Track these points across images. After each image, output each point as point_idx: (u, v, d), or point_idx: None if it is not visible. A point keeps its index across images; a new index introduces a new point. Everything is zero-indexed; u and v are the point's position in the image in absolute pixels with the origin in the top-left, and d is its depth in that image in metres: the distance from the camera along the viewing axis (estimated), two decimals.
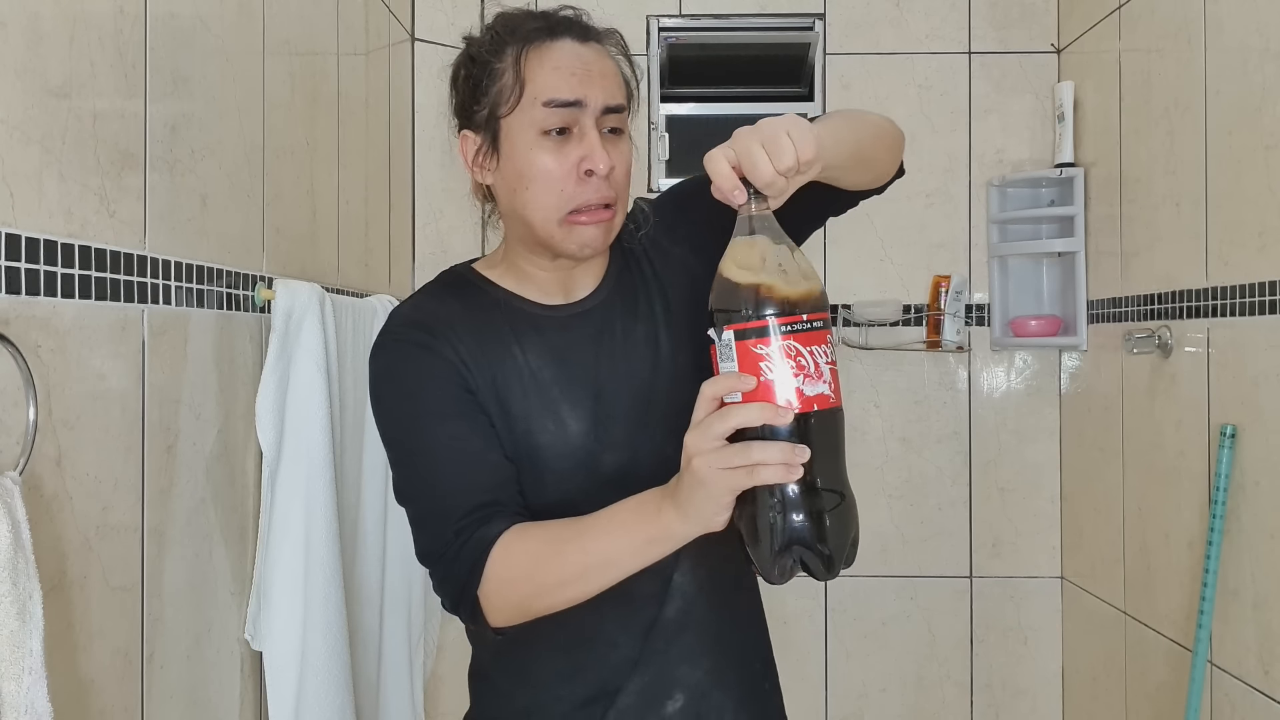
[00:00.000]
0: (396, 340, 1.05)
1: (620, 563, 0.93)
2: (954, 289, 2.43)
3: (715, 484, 0.83)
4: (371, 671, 1.68)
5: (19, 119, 0.93)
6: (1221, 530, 1.69)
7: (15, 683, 0.82)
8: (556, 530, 0.96)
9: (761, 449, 0.81)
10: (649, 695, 1.06)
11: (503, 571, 0.95)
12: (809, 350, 0.82)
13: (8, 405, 0.90)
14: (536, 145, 1.01)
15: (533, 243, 1.06)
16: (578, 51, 1.04)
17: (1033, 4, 2.51)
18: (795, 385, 0.82)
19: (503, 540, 0.96)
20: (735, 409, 0.82)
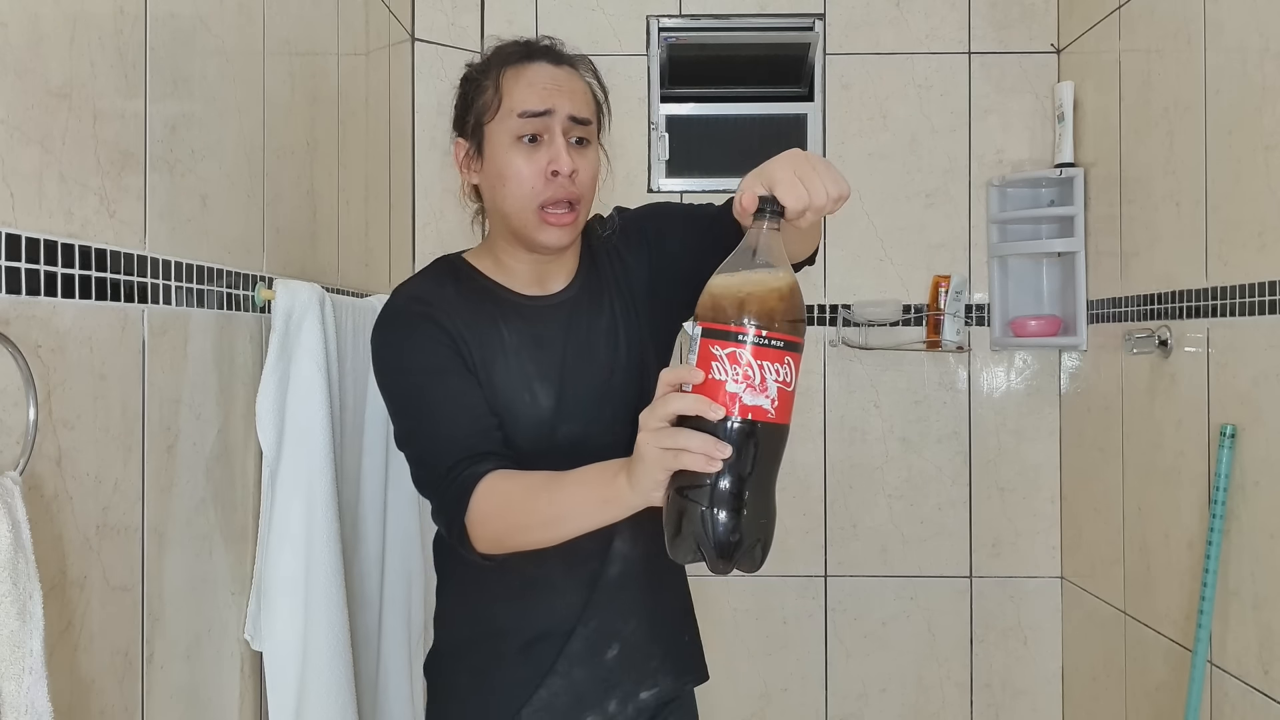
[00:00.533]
0: (399, 313, 1.22)
1: (580, 517, 1.05)
2: (954, 289, 2.43)
3: (651, 460, 0.93)
4: (371, 671, 1.68)
5: (19, 119, 0.93)
6: (1221, 530, 1.69)
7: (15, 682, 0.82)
8: (532, 480, 1.10)
9: (688, 437, 0.89)
10: (592, 643, 1.24)
11: (485, 506, 1.10)
12: (759, 364, 0.89)
13: (8, 405, 0.90)
14: (512, 149, 1.19)
15: (511, 236, 1.24)
16: (550, 72, 1.21)
17: (1033, 4, 2.51)
18: (735, 391, 0.89)
19: (486, 480, 1.10)
20: (677, 396, 0.91)
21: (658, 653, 1.29)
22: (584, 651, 1.24)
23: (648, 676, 1.28)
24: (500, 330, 1.22)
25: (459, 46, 2.48)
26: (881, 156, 2.53)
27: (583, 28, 2.53)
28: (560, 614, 1.24)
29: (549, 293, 1.27)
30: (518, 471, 1.12)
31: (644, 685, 1.27)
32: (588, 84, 1.25)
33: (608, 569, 1.24)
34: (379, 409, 1.71)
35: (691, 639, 1.37)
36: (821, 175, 0.94)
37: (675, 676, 1.31)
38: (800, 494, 2.52)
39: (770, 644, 2.53)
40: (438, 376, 1.18)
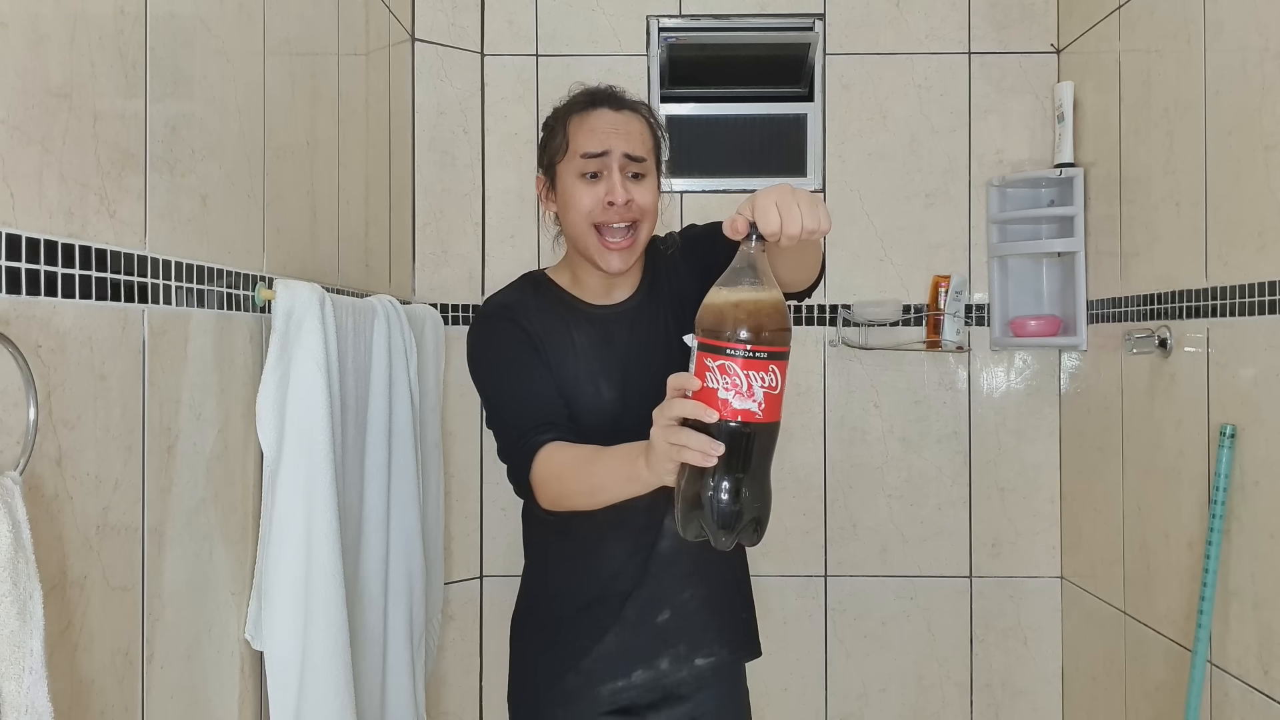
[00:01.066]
0: (489, 317, 1.48)
1: (611, 489, 1.26)
2: (954, 289, 2.43)
3: (661, 451, 1.10)
4: (374, 672, 1.68)
5: (19, 119, 0.93)
6: (1221, 530, 1.69)
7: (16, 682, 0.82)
8: (580, 453, 1.32)
9: (689, 436, 1.05)
10: (644, 608, 1.46)
11: (544, 470, 1.34)
12: (746, 374, 1.02)
13: (8, 405, 0.90)
14: (577, 184, 1.43)
15: (580, 254, 1.47)
16: (610, 117, 1.45)
17: (1033, 4, 2.51)
18: (725, 397, 1.03)
19: (545, 449, 1.34)
20: (680, 401, 1.06)
21: (714, 624, 1.50)
22: (636, 615, 1.45)
23: (704, 645, 1.49)
24: (571, 333, 1.46)
25: (459, 46, 2.48)
26: (881, 156, 2.53)
27: (583, 28, 2.53)
28: (616, 580, 1.46)
29: (615, 302, 1.50)
30: (572, 444, 1.34)
31: (699, 652, 1.48)
32: (644, 124, 1.48)
33: (660, 543, 1.45)
34: (381, 409, 1.71)
35: (748, 616, 1.57)
36: (800, 207, 1.06)
37: (731, 650, 1.52)
38: (800, 494, 2.52)
39: (770, 644, 2.52)
40: (515, 366, 1.42)
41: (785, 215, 1.05)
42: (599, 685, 1.46)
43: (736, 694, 1.57)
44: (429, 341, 2.10)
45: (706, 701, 1.50)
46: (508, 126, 2.52)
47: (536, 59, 2.53)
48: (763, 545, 2.65)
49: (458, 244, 2.48)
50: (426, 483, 2.04)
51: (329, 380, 1.43)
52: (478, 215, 2.52)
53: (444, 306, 2.42)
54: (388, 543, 1.73)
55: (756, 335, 1.02)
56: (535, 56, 2.53)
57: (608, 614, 1.46)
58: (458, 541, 2.44)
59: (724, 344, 1.02)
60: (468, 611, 2.47)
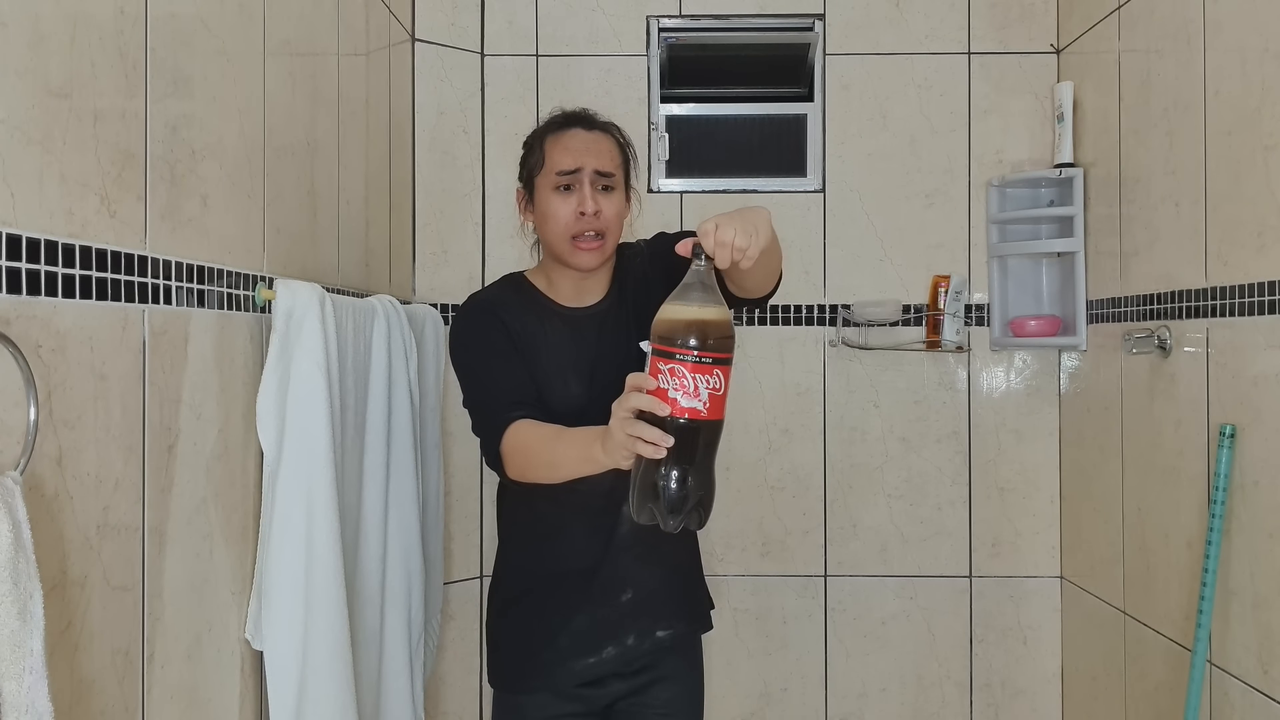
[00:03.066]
0: (470, 309, 1.63)
1: (569, 466, 1.42)
2: (953, 289, 2.43)
3: (618, 440, 1.24)
4: (372, 672, 1.68)
5: (20, 119, 0.94)
6: (1221, 530, 1.70)
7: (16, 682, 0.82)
8: (545, 431, 1.47)
9: (644, 428, 1.20)
10: (607, 587, 1.59)
11: (512, 443, 1.49)
12: (694, 376, 1.17)
13: (8, 405, 0.90)
14: (552, 196, 1.58)
15: (555, 260, 1.61)
16: (583, 136, 1.60)
17: (1032, 4, 2.51)
18: (675, 396, 1.18)
19: (515, 425, 1.49)
20: (637, 395, 1.21)
21: (672, 601, 1.64)
22: (601, 594, 1.58)
23: (664, 619, 1.62)
24: (545, 331, 1.60)
25: (459, 47, 2.48)
26: (881, 156, 2.53)
27: (583, 28, 2.53)
28: (580, 559, 1.59)
29: (586, 305, 1.63)
30: (538, 423, 1.49)
31: (660, 625, 1.61)
32: (614, 143, 1.62)
33: (619, 527, 1.58)
34: (381, 409, 1.71)
35: (703, 593, 1.73)
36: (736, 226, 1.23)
37: (688, 623, 1.67)
38: (800, 494, 2.52)
39: (770, 644, 2.53)
40: (492, 353, 1.57)
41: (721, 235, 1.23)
42: (573, 661, 1.59)
43: (694, 661, 1.71)
44: (429, 341, 2.10)
45: (667, 668, 1.65)
46: (508, 126, 2.52)
47: (536, 59, 2.53)
48: (763, 545, 2.66)
49: (458, 244, 2.48)
50: (426, 483, 2.04)
51: (329, 380, 1.43)
52: (478, 215, 2.52)
53: (444, 306, 2.42)
54: (386, 542, 1.73)
55: (703, 343, 1.18)
56: (535, 56, 2.53)
57: (575, 593, 1.59)
58: (458, 541, 2.44)
59: (674, 350, 1.18)
60: (468, 611, 2.47)
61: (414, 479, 1.82)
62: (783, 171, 2.56)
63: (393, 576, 1.75)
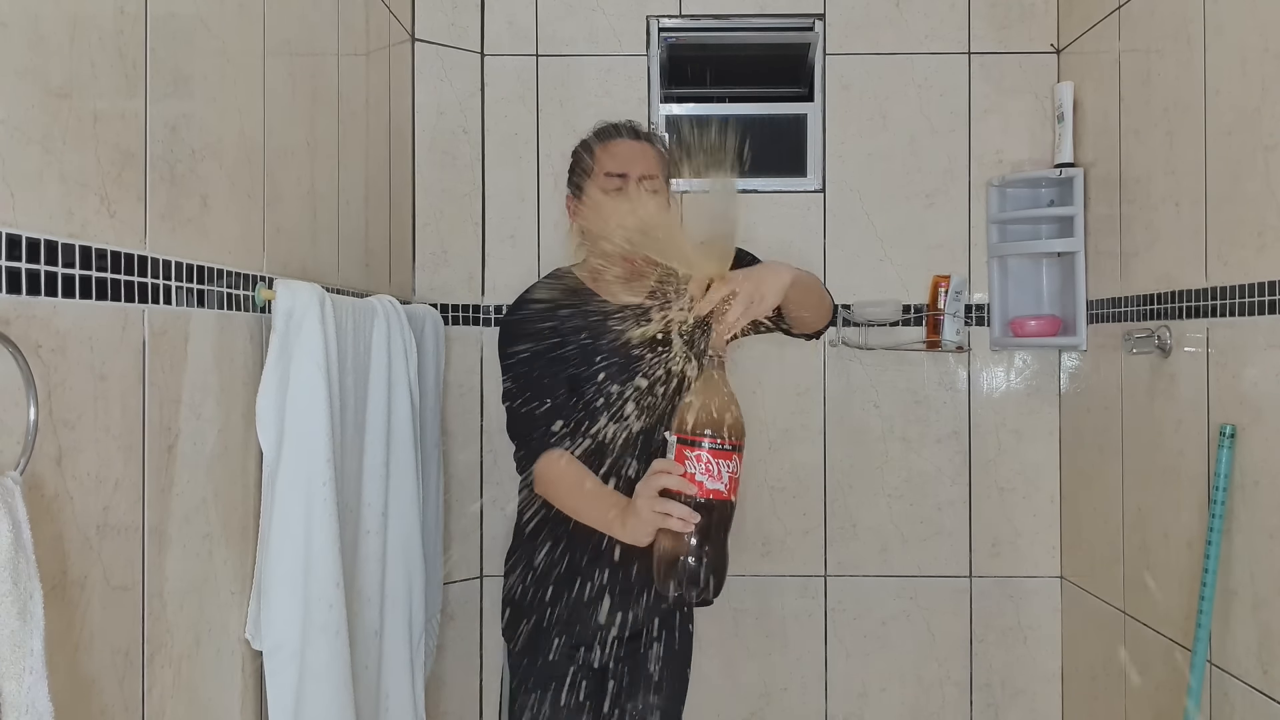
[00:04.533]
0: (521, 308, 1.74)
1: (585, 520, 1.59)
2: (954, 289, 2.43)
3: (645, 517, 1.40)
4: (372, 672, 1.68)
5: (20, 119, 0.94)
6: (1221, 530, 1.69)
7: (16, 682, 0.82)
8: (574, 477, 1.60)
9: (673, 505, 1.36)
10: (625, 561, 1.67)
11: (545, 471, 1.63)
12: (716, 462, 1.34)
13: (8, 405, 0.90)
14: (603, 199, 1.69)
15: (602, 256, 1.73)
16: (629, 145, 1.74)
17: (1032, 4, 2.51)
18: (700, 479, 1.34)
19: (552, 453, 1.62)
20: (667, 475, 1.37)
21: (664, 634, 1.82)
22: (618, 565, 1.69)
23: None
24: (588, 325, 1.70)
25: (459, 47, 2.48)
26: (881, 156, 2.53)
27: (583, 28, 2.53)
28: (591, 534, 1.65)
29: (629, 303, 1.73)
30: (572, 462, 1.61)
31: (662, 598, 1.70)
32: (656, 151, 1.77)
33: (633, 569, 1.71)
34: (380, 409, 1.71)
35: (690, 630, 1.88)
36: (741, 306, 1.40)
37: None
38: (800, 494, 2.52)
39: (770, 644, 2.53)
40: (537, 359, 1.66)
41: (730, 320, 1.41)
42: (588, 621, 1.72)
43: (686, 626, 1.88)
44: (429, 342, 2.10)
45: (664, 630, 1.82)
46: (508, 126, 2.52)
47: (536, 59, 2.53)
48: (763, 545, 2.65)
49: (458, 244, 2.48)
50: (426, 483, 2.04)
51: (329, 380, 1.44)
52: (478, 215, 2.52)
53: (444, 306, 2.42)
54: (386, 542, 1.73)
55: (720, 434, 1.34)
56: (535, 56, 2.53)
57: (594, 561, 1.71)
58: (458, 541, 2.44)
59: (700, 439, 1.34)
60: (468, 611, 2.47)
61: (414, 479, 1.82)
62: (783, 171, 2.56)
63: (392, 576, 1.75)
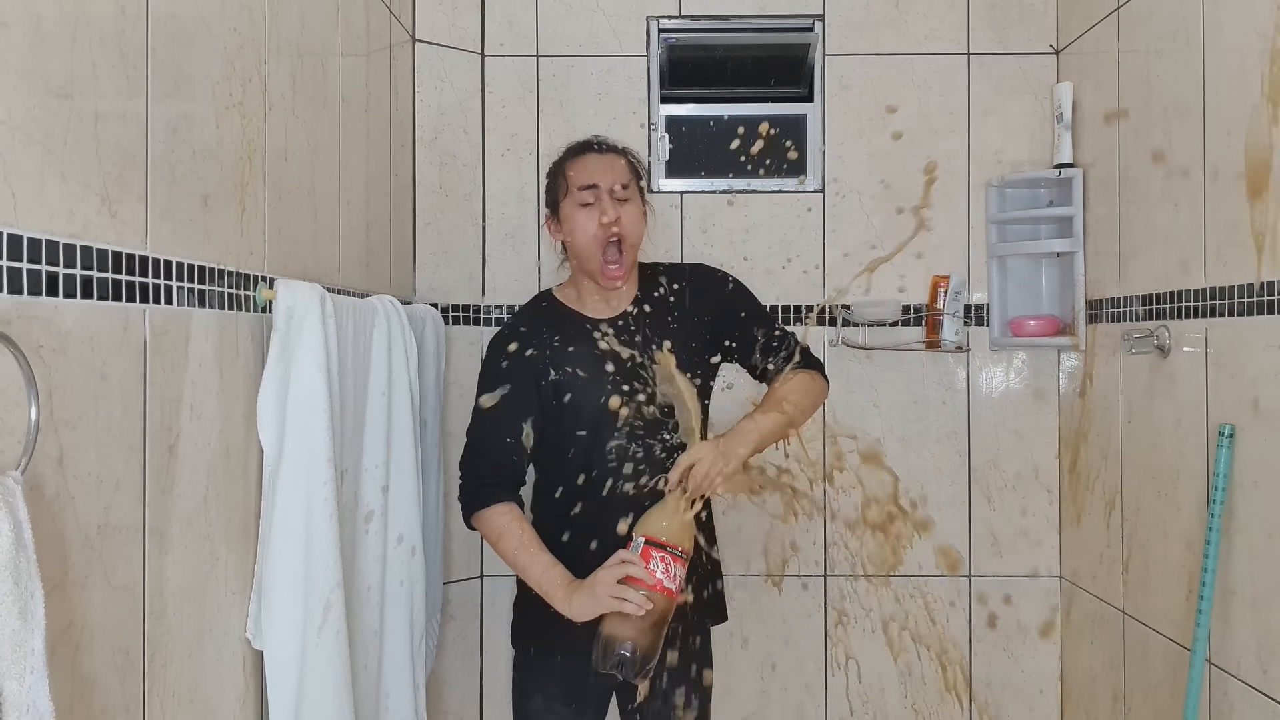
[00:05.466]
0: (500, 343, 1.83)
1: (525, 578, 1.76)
2: (953, 289, 2.43)
3: (601, 598, 1.63)
4: (372, 672, 1.68)
5: (21, 119, 0.94)
6: (1220, 530, 1.70)
7: (17, 681, 0.82)
8: (518, 538, 1.75)
9: (629, 593, 1.62)
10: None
11: (489, 522, 1.79)
12: (674, 564, 1.64)
13: (9, 405, 0.90)
14: (577, 213, 1.79)
15: (584, 273, 1.82)
16: (597, 159, 1.83)
17: (1032, 5, 2.51)
18: (660, 578, 1.63)
19: (498, 507, 1.78)
20: (633, 568, 1.63)
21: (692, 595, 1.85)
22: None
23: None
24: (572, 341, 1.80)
25: (459, 47, 2.48)
26: (881, 156, 2.53)
27: (583, 28, 2.53)
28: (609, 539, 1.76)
29: (613, 315, 1.84)
30: (515, 519, 1.77)
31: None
32: (625, 162, 1.84)
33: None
34: (381, 408, 1.71)
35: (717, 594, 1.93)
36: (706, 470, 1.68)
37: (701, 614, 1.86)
38: (800, 494, 2.52)
39: (770, 644, 2.53)
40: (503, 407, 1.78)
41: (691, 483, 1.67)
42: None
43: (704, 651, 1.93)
44: (429, 341, 2.10)
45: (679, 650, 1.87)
46: (508, 127, 2.52)
47: (536, 59, 2.53)
48: (763, 545, 2.64)
49: (458, 244, 2.49)
50: (426, 482, 2.04)
51: (329, 380, 1.44)
52: (478, 215, 2.52)
53: (444, 307, 2.42)
54: (386, 542, 1.74)
55: (678, 546, 1.65)
56: (535, 57, 2.53)
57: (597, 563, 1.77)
58: (458, 541, 2.44)
59: (664, 545, 1.64)
60: (468, 611, 2.47)
61: (414, 478, 1.82)
62: (783, 172, 2.56)
63: (393, 576, 1.75)
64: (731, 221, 2.53)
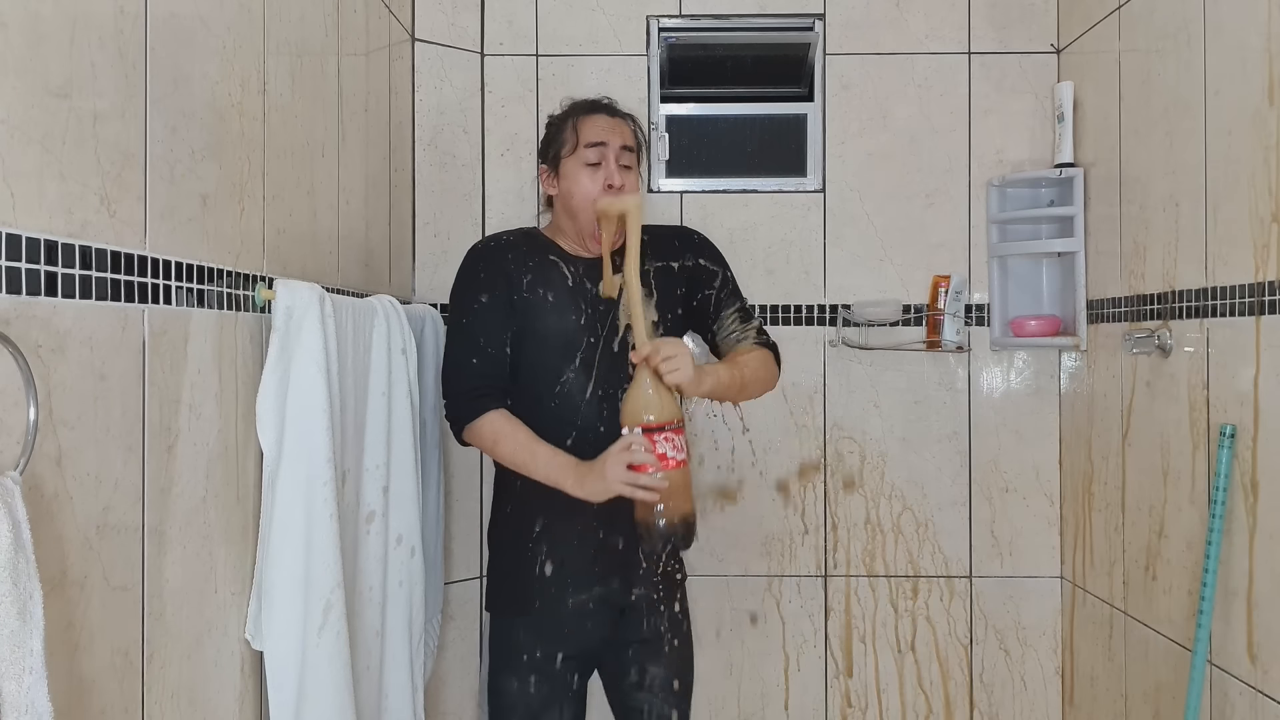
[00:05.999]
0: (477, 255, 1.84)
1: (535, 476, 1.73)
2: (954, 289, 2.43)
3: (611, 481, 1.63)
4: (373, 672, 1.68)
5: (20, 119, 0.94)
6: (1221, 530, 1.69)
7: (16, 682, 0.82)
8: (520, 435, 1.74)
9: (642, 478, 1.63)
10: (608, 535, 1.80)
11: (486, 428, 1.76)
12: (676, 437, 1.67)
13: (8, 405, 0.90)
14: (581, 172, 1.79)
15: (570, 227, 1.84)
16: (608, 120, 1.83)
17: (1032, 4, 2.51)
18: (669, 456, 1.65)
19: (490, 415, 1.76)
20: (637, 452, 1.64)
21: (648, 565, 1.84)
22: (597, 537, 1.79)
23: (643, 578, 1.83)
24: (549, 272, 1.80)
25: (459, 47, 2.48)
26: (881, 156, 2.53)
27: (583, 28, 2.53)
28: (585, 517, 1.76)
29: (592, 255, 1.83)
30: (513, 420, 1.75)
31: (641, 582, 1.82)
32: (632, 130, 1.86)
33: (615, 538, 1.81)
34: (380, 408, 1.71)
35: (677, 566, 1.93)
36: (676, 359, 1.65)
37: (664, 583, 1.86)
38: (800, 494, 2.52)
39: (770, 644, 2.53)
40: (483, 317, 1.76)
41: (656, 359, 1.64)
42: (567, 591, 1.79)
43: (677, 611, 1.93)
44: (429, 341, 2.10)
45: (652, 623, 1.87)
46: (508, 126, 2.52)
47: (536, 59, 2.53)
48: (763, 545, 2.65)
49: (458, 244, 2.48)
50: (426, 482, 2.04)
51: (329, 380, 1.44)
52: (478, 215, 2.52)
53: (444, 306, 2.41)
54: (386, 543, 1.73)
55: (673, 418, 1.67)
56: (535, 56, 2.53)
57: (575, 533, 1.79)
58: (458, 541, 2.44)
59: (660, 426, 1.65)
60: (468, 611, 2.47)
61: (414, 479, 1.82)
62: (783, 171, 2.56)
63: (393, 576, 1.75)
64: (732, 221, 2.52)
